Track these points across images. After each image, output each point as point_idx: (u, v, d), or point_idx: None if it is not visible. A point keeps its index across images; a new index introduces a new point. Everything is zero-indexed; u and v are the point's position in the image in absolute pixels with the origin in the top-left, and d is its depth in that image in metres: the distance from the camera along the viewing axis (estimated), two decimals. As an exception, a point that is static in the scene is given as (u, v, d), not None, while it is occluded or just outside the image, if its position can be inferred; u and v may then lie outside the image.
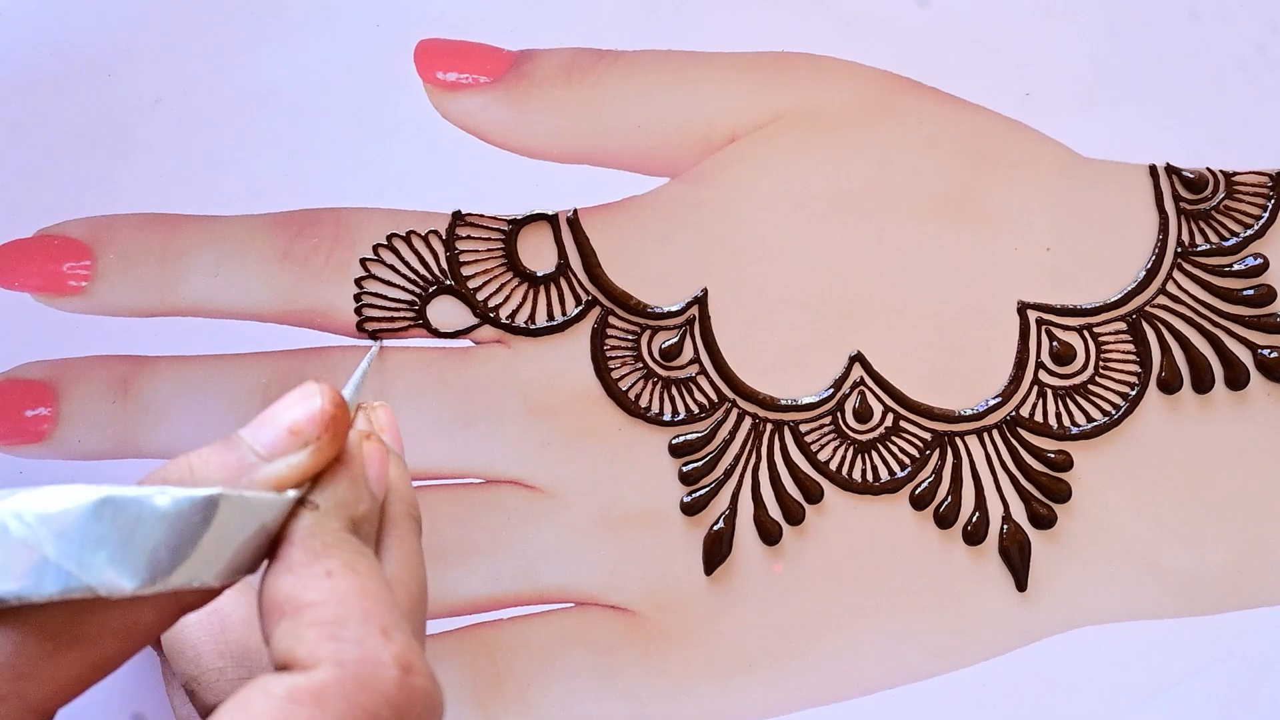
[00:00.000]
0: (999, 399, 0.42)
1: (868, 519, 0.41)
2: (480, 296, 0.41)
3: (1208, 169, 0.43)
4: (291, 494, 0.26)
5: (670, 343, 0.42)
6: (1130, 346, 0.42)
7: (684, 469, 0.41)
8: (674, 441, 0.41)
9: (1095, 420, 0.42)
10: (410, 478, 0.30)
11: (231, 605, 0.33)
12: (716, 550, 0.41)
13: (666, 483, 0.41)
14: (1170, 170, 0.43)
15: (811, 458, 0.42)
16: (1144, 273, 0.42)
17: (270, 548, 0.26)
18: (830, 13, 0.42)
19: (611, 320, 0.42)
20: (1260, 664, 0.42)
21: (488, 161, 0.42)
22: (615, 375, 0.41)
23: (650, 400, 0.41)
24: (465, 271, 0.41)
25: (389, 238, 0.41)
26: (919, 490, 0.42)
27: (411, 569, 0.28)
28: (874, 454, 0.42)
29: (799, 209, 0.42)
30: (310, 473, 0.27)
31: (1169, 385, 0.42)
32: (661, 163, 0.42)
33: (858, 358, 0.42)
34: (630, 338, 0.42)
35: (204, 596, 0.26)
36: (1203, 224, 0.43)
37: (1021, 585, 0.41)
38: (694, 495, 0.41)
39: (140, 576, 0.24)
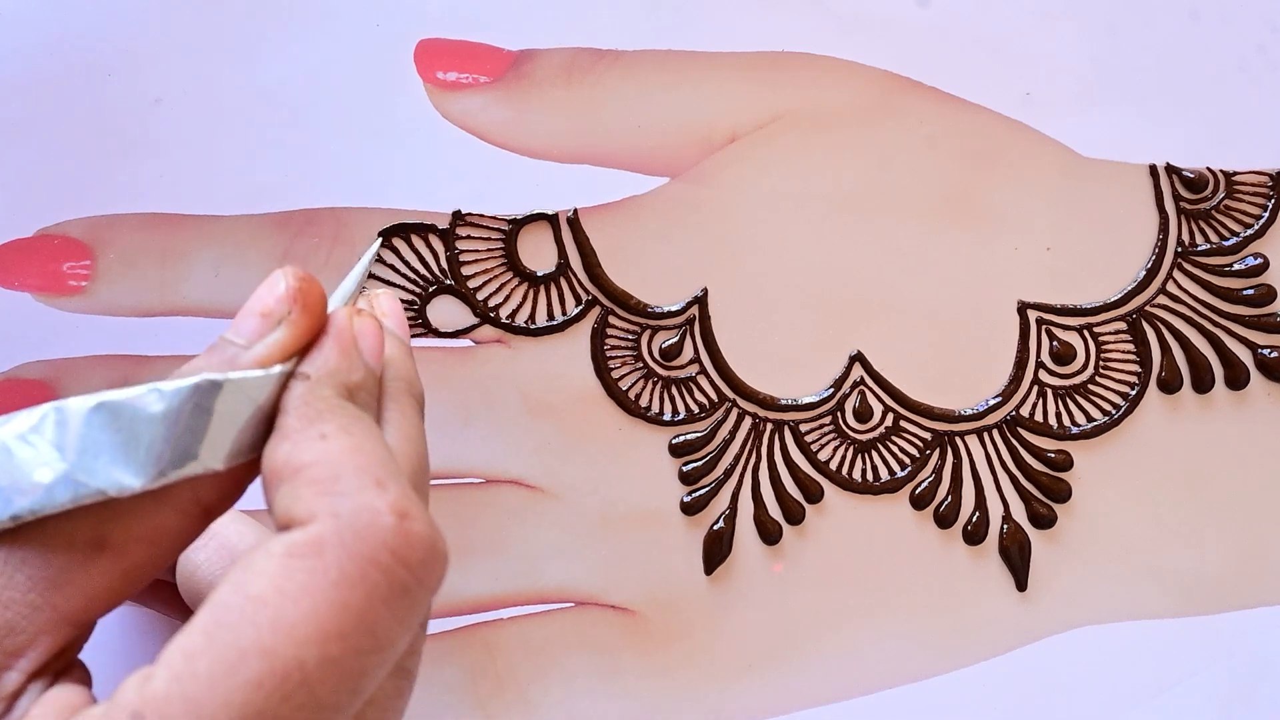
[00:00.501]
0: (999, 399, 0.42)
1: (868, 519, 0.41)
2: (480, 296, 0.41)
3: (1208, 169, 0.43)
4: (279, 368, 0.27)
5: (670, 342, 0.42)
6: (1130, 346, 0.42)
7: (684, 469, 0.41)
8: (674, 441, 0.41)
9: (1095, 420, 0.42)
10: (413, 359, 0.31)
11: (237, 536, 0.34)
12: (716, 550, 0.41)
13: (666, 482, 0.41)
14: (1170, 170, 0.43)
15: (811, 457, 0.42)
16: (1144, 272, 0.42)
17: (266, 430, 0.27)
18: (830, 13, 0.42)
19: (611, 320, 0.42)
20: (1260, 664, 0.42)
21: (488, 161, 0.42)
22: (615, 375, 0.41)
23: (650, 400, 0.41)
24: (465, 271, 0.41)
25: (384, 234, 0.41)
26: (919, 490, 0.42)
27: (411, 440, 0.28)
28: (874, 454, 0.42)
29: (799, 209, 0.42)
30: (290, 347, 0.27)
31: (1169, 385, 0.42)
32: (661, 163, 0.42)
33: (858, 357, 0.42)
34: (630, 337, 0.42)
35: (221, 494, 0.26)
36: (1203, 224, 0.43)
37: (1021, 585, 0.41)
38: (694, 495, 0.41)
39: (146, 472, 0.25)
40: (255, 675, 0.23)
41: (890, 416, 0.42)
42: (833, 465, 0.42)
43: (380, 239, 0.41)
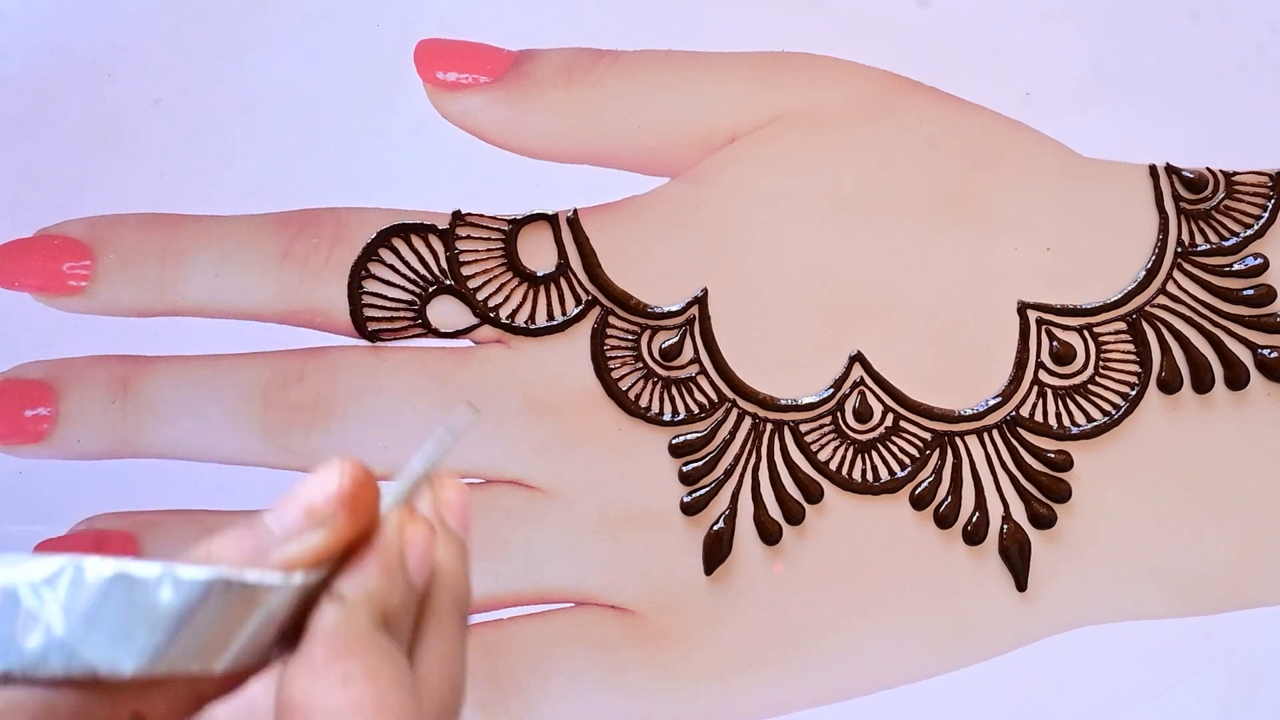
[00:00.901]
0: (999, 399, 0.42)
1: (868, 519, 0.41)
2: (480, 296, 0.41)
3: (1208, 169, 0.43)
4: (299, 578, 0.25)
5: (670, 343, 0.42)
6: (1130, 346, 0.42)
7: (684, 469, 0.41)
8: (674, 441, 0.41)
9: (1095, 420, 0.42)
10: (467, 564, 0.28)
11: (263, 696, 0.33)
12: (716, 550, 0.41)
13: (666, 482, 0.41)
14: (1170, 170, 0.43)
15: (811, 458, 0.42)
16: (1144, 273, 0.42)
17: (289, 636, 0.25)
18: (830, 13, 0.42)
19: (611, 320, 0.42)
20: (1260, 664, 0.42)
21: (488, 161, 0.42)
22: (615, 375, 0.41)
23: (650, 400, 0.41)
24: (465, 271, 0.41)
25: (383, 234, 0.41)
26: (919, 490, 0.42)
27: (447, 669, 0.27)
28: (874, 454, 0.42)
29: (799, 209, 0.42)
30: (324, 554, 0.25)
31: (1169, 385, 0.42)
32: (661, 163, 0.42)
33: (858, 358, 0.42)
34: (630, 338, 0.42)
35: (221, 686, 0.25)
36: (1203, 224, 0.43)
37: (1021, 585, 0.41)
38: (694, 495, 0.41)
39: (140, 658, 0.24)
40: None
41: (890, 416, 0.42)
42: (833, 465, 0.42)
43: (470, 408, 0.40)
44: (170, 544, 0.40)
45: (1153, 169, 0.43)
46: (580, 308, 0.42)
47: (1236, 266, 0.43)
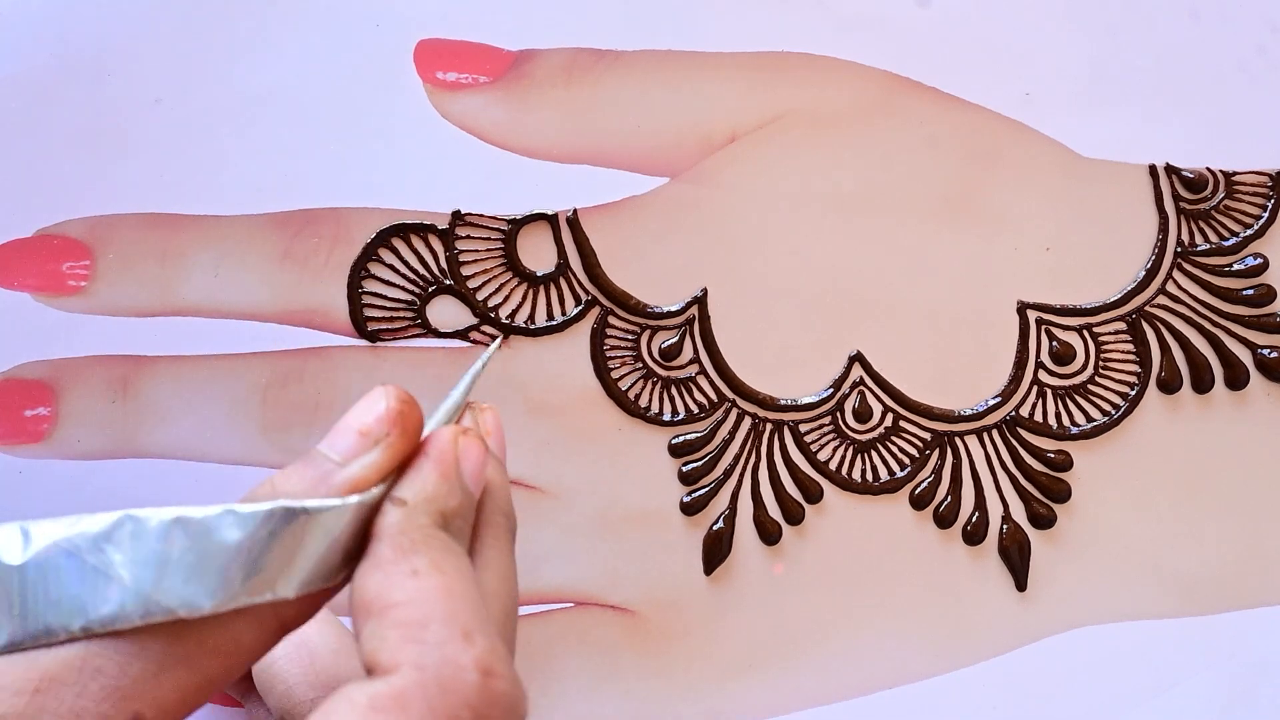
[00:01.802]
0: (999, 399, 0.42)
1: (867, 519, 0.41)
2: (480, 296, 0.41)
3: (1207, 169, 0.43)
4: (356, 498, 0.26)
5: (670, 342, 0.42)
6: (1130, 346, 0.42)
7: (684, 469, 0.41)
8: (674, 441, 0.41)
9: (1095, 420, 0.42)
10: (509, 485, 0.30)
11: (318, 635, 0.33)
12: (716, 550, 0.41)
13: (666, 483, 0.41)
14: (1170, 170, 0.43)
15: (811, 458, 0.42)
16: (1144, 272, 0.42)
17: (353, 554, 0.26)
18: (830, 13, 0.42)
19: (611, 320, 0.42)
20: (1260, 664, 0.42)
21: (487, 161, 0.42)
22: (615, 375, 0.41)
23: (650, 400, 0.41)
24: (465, 271, 0.41)
25: (383, 234, 0.41)
26: (919, 490, 0.42)
27: (504, 579, 0.28)
28: (874, 454, 0.42)
29: (799, 209, 0.42)
30: (385, 469, 0.27)
31: (1169, 385, 0.42)
32: (661, 162, 0.42)
33: (857, 358, 0.42)
34: (630, 338, 0.42)
35: (299, 611, 0.26)
36: (1203, 224, 0.43)
37: (1021, 585, 0.41)
38: (694, 495, 0.41)
39: (216, 595, 0.25)
40: None
41: (890, 417, 0.42)
42: (832, 465, 0.42)
43: (499, 340, 0.41)
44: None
45: (1152, 169, 0.43)
46: (580, 308, 0.42)
47: (1236, 266, 0.43)
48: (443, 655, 0.24)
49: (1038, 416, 0.42)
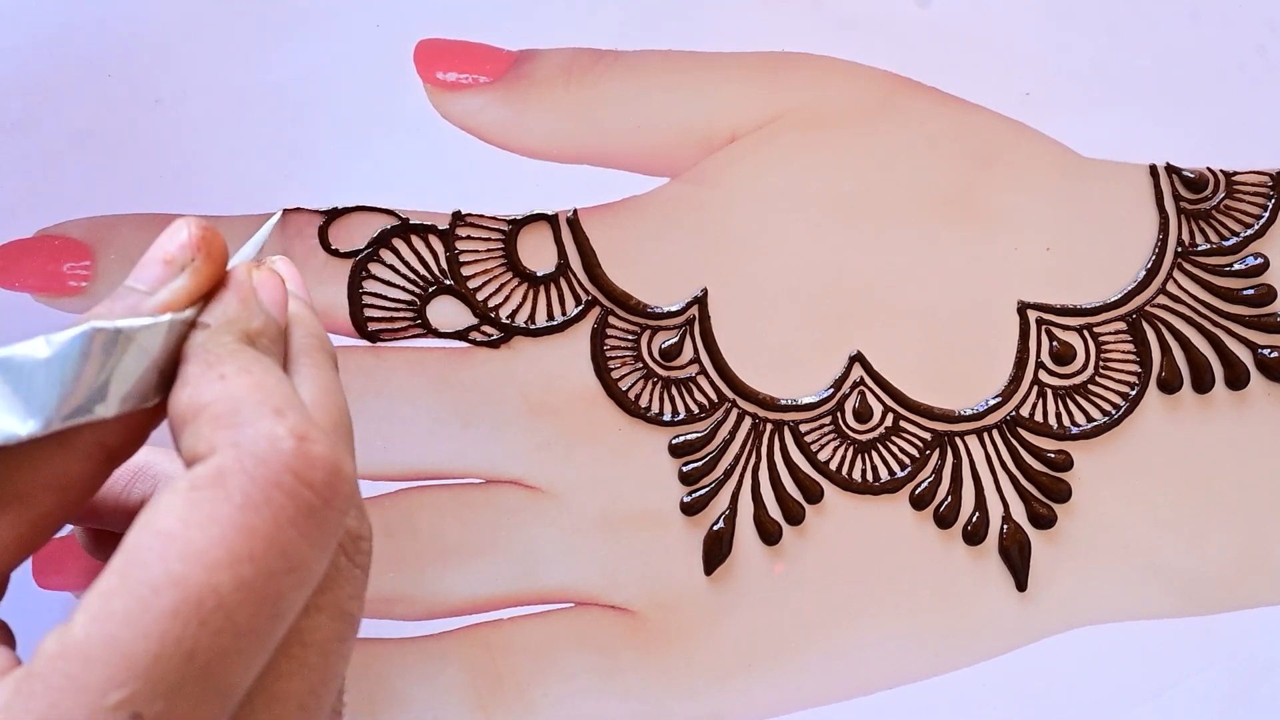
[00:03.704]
0: (999, 399, 0.42)
1: (868, 519, 0.41)
2: (480, 297, 0.41)
3: (1208, 169, 0.43)
4: (168, 316, 0.27)
5: (670, 343, 0.42)
6: (1130, 346, 0.42)
7: (684, 469, 0.41)
8: (674, 441, 0.41)
9: (1095, 420, 0.42)
10: (318, 317, 0.31)
11: (170, 466, 0.34)
12: (716, 550, 0.41)
13: (666, 483, 0.41)
14: (1170, 170, 0.43)
15: (811, 458, 0.42)
16: (1144, 272, 0.42)
17: (168, 378, 0.27)
18: (830, 13, 0.42)
19: (611, 320, 0.42)
20: (1260, 664, 0.42)
21: (488, 161, 0.42)
22: (615, 375, 0.41)
23: (650, 400, 0.41)
24: (465, 271, 0.41)
25: (380, 234, 0.41)
26: (919, 490, 0.42)
27: (329, 392, 0.28)
28: (874, 454, 0.42)
29: (799, 209, 0.42)
30: (194, 293, 0.27)
31: (1169, 385, 0.42)
32: (661, 163, 0.42)
33: (858, 358, 0.42)
34: (630, 338, 0.42)
35: (124, 439, 0.27)
36: (1203, 224, 0.43)
37: (1021, 585, 0.41)
38: (694, 495, 0.41)
39: (32, 419, 0.25)
40: (170, 605, 0.23)
41: (890, 417, 0.42)
42: (833, 465, 0.42)
43: (281, 212, 0.41)
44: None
45: (1153, 169, 0.43)
46: (580, 308, 0.42)
47: (1237, 266, 0.43)
48: (256, 430, 0.25)
49: (1038, 416, 0.42)
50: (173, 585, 0.23)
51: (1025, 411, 0.42)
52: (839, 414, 0.42)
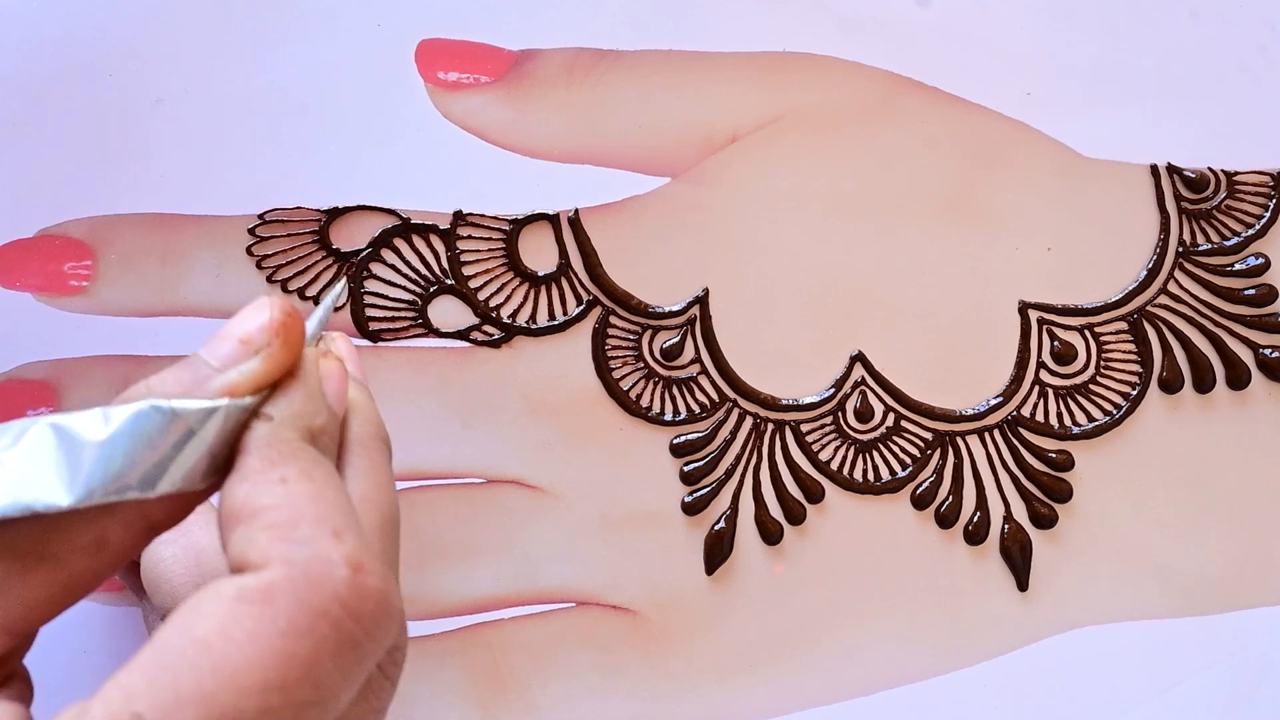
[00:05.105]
0: (1000, 399, 0.42)
1: (869, 519, 0.41)
2: (481, 296, 0.41)
3: (1209, 168, 0.43)
4: (225, 402, 0.26)
5: (671, 342, 0.42)
6: (1131, 346, 0.42)
7: (685, 469, 0.41)
8: (675, 441, 0.41)
9: (1096, 420, 0.42)
10: (375, 406, 0.30)
11: (204, 534, 0.33)
12: (717, 550, 0.41)
13: (667, 482, 0.41)
14: (1171, 170, 0.43)
15: (813, 457, 0.42)
16: (1145, 272, 0.43)
17: (220, 464, 0.26)
18: (830, 13, 0.42)
19: (612, 320, 0.42)
20: (1260, 664, 0.42)
21: (489, 161, 0.42)
22: (616, 375, 0.41)
23: (651, 400, 0.41)
24: (466, 271, 0.41)
25: (381, 234, 0.41)
26: (920, 490, 0.42)
27: (381, 488, 0.28)
28: (875, 454, 0.42)
29: (800, 209, 0.42)
30: (263, 379, 0.27)
31: (1170, 385, 0.42)
32: (662, 162, 0.42)
33: (859, 357, 0.42)
34: (631, 337, 0.42)
35: (168, 513, 0.26)
36: (1204, 223, 0.43)
37: (1023, 585, 0.41)
38: (695, 495, 0.41)
39: (75, 491, 0.25)
40: None
41: (891, 416, 0.42)
42: (834, 465, 0.42)
43: (346, 280, 0.41)
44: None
45: (1154, 169, 0.43)
46: (581, 307, 0.42)
47: (1238, 266, 0.43)
48: (312, 552, 0.24)
49: (1039, 416, 0.42)
50: (198, 702, 0.23)
51: (1026, 411, 0.42)
52: (840, 414, 0.42)
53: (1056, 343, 0.42)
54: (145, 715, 0.22)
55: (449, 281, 0.41)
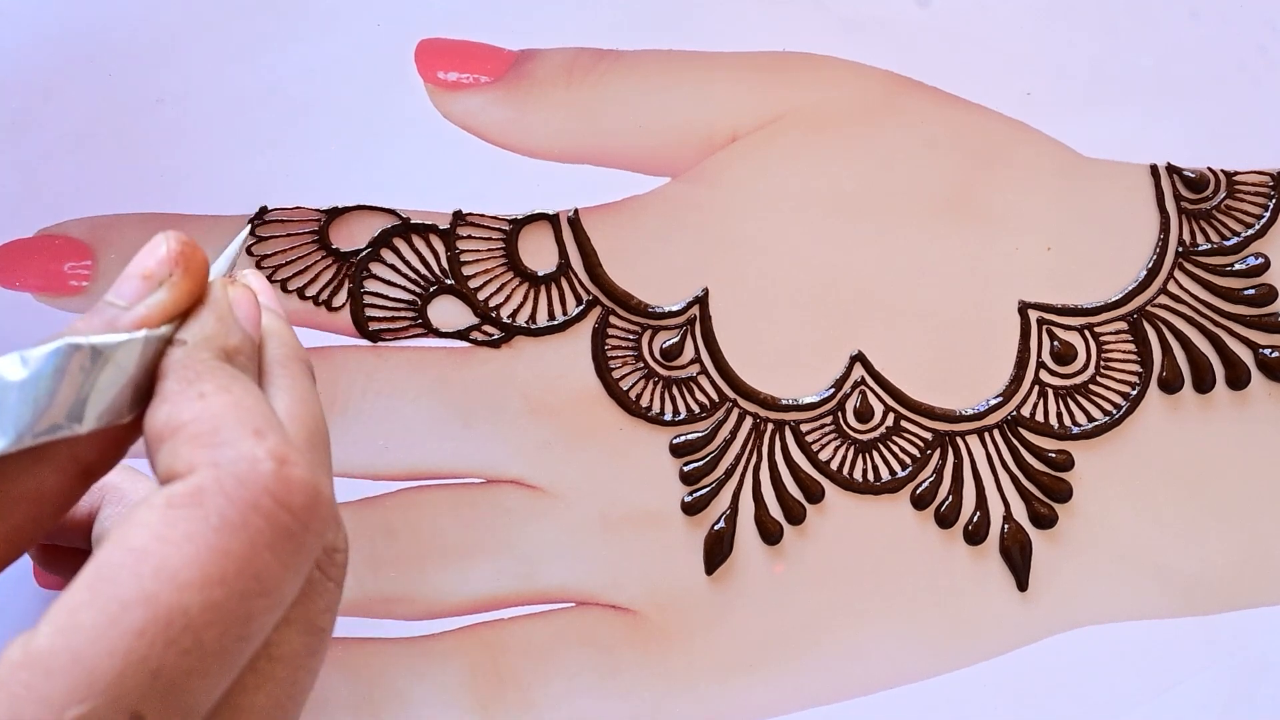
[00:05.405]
0: (1000, 399, 0.42)
1: (869, 519, 0.41)
2: (481, 296, 0.41)
3: (1209, 168, 0.43)
4: (143, 332, 0.27)
5: (671, 342, 0.42)
6: (1131, 346, 0.42)
7: (685, 469, 0.41)
8: (675, 441, 0.41)
9: (1096, 420, 0.42)
10: (292, 331, 0.31)
11: (141, 491, 0.34)
12: (717, 550, 0.41)
13: (667, 482, 0.41)
14: (1171, 170, 0.43)
15: (812, 457, 0.42)
16: (1145, 272, 0.43)
17: (144, 394, 0.27)
18: (830, 13, 0.42)
19: (612, 320, 0.42)
20: (1260, 664, 0.42)
21: (488, 161, 0.42)
22: (616, 375, 0.41)
23: (651, 400, 0.41)
24: (466, 271, 0.41)
25: (381, 234, 0.41)
26: (920, 490, 0.42)
27: (306, 403, 0.29)
28: (875, 454, 0.42)
29: (800, 209, 0.42)
30: (171, 309, 0.27)
31: (1170, 385, 0.42)
32: (662, 162, 0.42)
33: (859, 357, 0.42)
34: (631, 337, 0.42)
35: (100, 454, 0.27)
36: (1204, 223, 0.43)
37: (1022, 585, 0.41)
38: (695, 495, 0.41)
39: (5, 436, 0.25)
40: (138, 623, 0.23)
41: (891, 416, 0.42)
42: (834, 465, 0.42)
43: (250, 224, 0.41)
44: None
45: (1154, 168, 0.43)
46: (581, 307, 0.42)
47: (1238, 266, 0.43)
48: (236, 451, 0.25)
49: (1039, 416, 0.42)
50: (142, 603, 0.23)
51: (1026, 411, 0.42)
52: (840, 414, 0.42)
53: (1056, 343, 0.42)
54: (89, 625, 0.23)
55: (449, 281, 0.41)
